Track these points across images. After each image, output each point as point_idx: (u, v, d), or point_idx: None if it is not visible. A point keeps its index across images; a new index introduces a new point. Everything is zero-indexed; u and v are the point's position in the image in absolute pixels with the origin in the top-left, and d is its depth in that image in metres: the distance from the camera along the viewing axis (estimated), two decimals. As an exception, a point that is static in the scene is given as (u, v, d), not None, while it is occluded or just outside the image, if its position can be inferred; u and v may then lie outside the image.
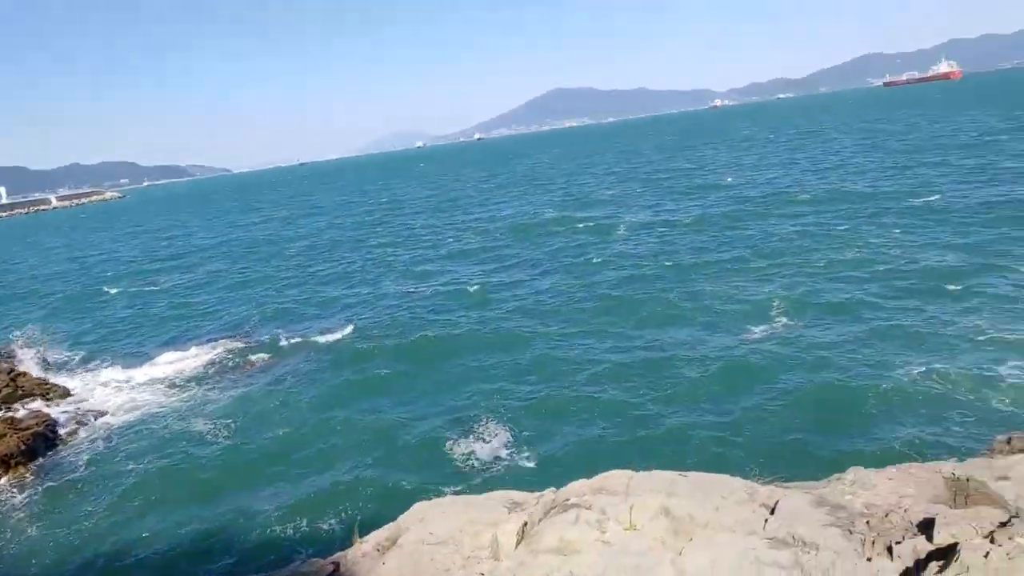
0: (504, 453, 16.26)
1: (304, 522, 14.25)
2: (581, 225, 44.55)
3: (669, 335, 22.28)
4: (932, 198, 38.60)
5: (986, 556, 4.65)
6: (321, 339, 27.19)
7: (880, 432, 14.48)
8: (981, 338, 18.68)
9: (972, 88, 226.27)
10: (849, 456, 12.29)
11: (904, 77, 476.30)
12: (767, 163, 71.69)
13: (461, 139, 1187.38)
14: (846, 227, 34.28)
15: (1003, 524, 5.45)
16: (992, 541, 4.92)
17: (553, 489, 8.60)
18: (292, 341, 27.60)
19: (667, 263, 31.67)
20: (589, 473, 8.56)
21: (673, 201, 52.25)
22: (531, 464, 15.49)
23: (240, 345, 27.84)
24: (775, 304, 23.79)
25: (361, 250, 48.79)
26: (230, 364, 25.71)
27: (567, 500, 7.84)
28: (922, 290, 23.14)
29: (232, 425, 19.82)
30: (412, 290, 34.08)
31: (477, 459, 16.15)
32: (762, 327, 21.93)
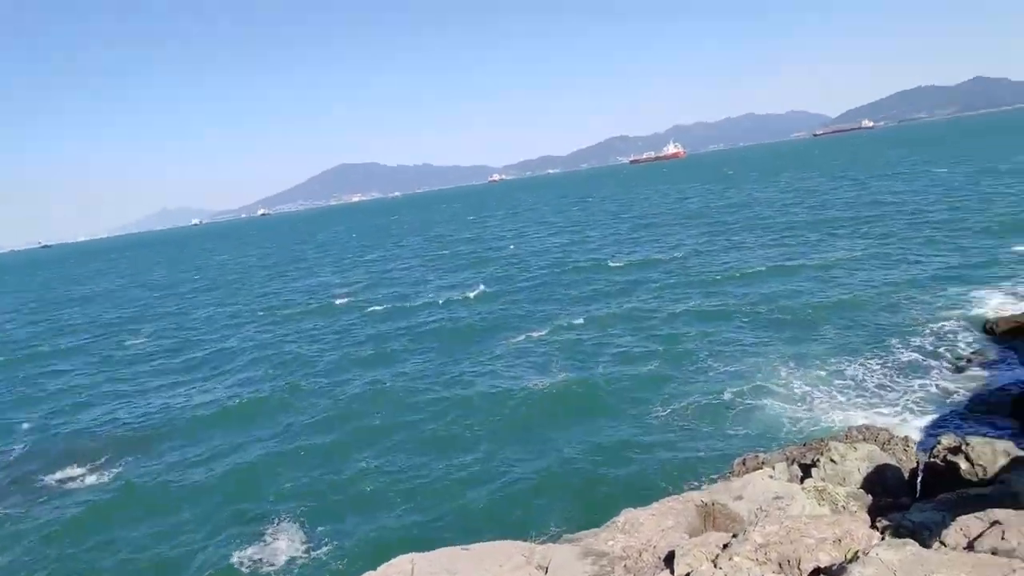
0: (300, 552, 14.91)
1: None
2: (371, 308, 43.56)
3: (449, 408, 22.65)
4: (677, 259, 45.39)
5: (710, 579, 5.31)
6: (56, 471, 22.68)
7: (645, 470, 16.08)
8: (710, 374, 22.18)
9: (694, 165, 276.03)
10: (623, 496, 13.43)
11: (645, 156, 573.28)
12: (545, 232, 78.63)
13: (244, 215, 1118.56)
14: (608, 292, 38.29)
15: (726, 546, 6.31)
16: (715, 564, 5.65)
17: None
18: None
19: (449, 344, 31.64)
20: (378, 561, 8.17)
21: (463, 274, 54.25)
22: (324, 562, 14.34)
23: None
24: (552, 362, 25.69)
25: (96, 347, 42.34)
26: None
27: (349, 601, 7.35)
28: (664, 347, 26.58)
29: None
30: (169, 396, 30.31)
31: (268, 567, 14.54)
32: (537, 382, 23.36)
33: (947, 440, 12.82)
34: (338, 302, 46.83)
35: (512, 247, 67.29)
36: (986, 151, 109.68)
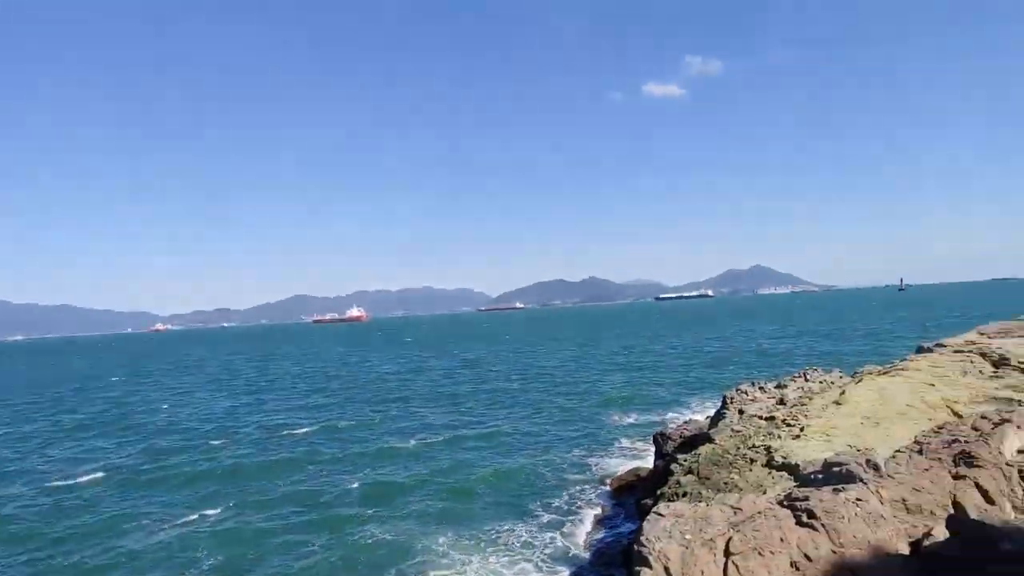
0: None
1: None
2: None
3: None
4: (354, 427, 44.85)
5: None
6: None
7: None
8: (361, 555, 21.93)
9: (376, 329, 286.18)
10: None
11: (328, 316, 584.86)
12: (211, 392, 70.50)
13: None
14: (276, 467, 35.27)
15: None
16: None
17: None
18: None
19: (43, 547, 24.70)
20: None
21: (89, 444, 44.51)
22: None
23: None
24: (193, 564, 22.22)
25: None
26: None
27: None
28: (328, 530, 25.65)
29: None
30: None
31: None
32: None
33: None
34: None
35: (167, 408, 58.49)
36: (599, 335, 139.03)
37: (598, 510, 25.93)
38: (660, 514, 9.46)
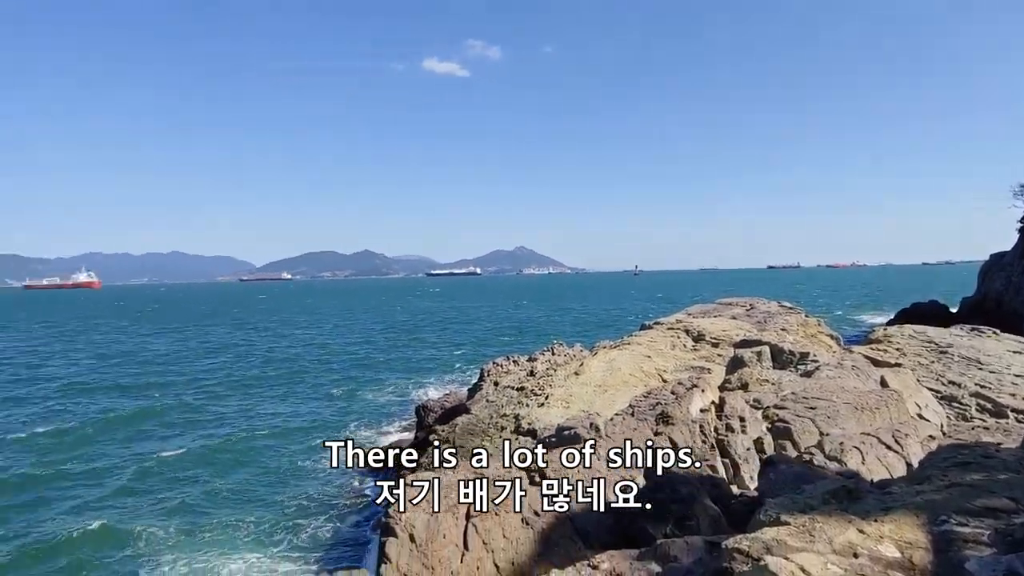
0: None
1: None
2: None
3: None
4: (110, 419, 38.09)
5: None
6: None
7: None
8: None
9: (108, 297, 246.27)
10: None
11: (45, 281, 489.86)
12: None
13: None
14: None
15: None
16: None
17: None
18: None
19: None
20: None
21: None
22: None
23: None
24: None
25: None
26: None
27: None
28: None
29: None
30: None
31: None
32: None
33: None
34: None
35: None
36: (377, 308, 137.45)
37: (358, 487, 25.73)
38: (409, 484, 9.78)
